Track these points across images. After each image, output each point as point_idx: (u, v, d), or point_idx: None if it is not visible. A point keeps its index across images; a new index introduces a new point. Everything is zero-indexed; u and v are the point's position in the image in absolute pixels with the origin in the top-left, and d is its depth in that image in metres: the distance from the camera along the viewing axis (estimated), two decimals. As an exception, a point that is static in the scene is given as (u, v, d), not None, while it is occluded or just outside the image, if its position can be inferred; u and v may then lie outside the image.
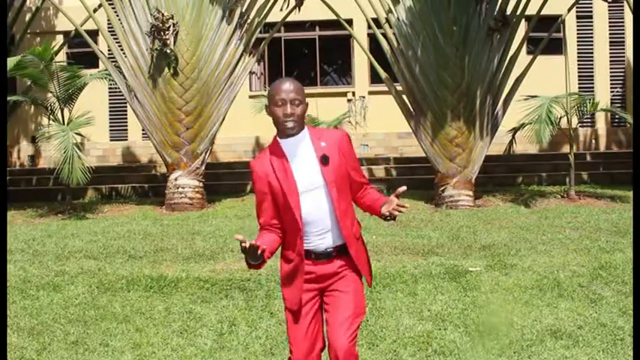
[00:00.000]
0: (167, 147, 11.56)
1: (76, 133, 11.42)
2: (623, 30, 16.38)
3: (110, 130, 16.83)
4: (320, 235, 3.09)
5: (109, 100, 16.63)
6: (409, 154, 15.26)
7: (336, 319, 3.05)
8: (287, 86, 3.04)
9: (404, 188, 3.06)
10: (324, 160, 3.06)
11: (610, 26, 16.47)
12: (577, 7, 14.75)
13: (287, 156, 3.08)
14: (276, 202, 3.10)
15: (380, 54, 12.56)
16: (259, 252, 2.95)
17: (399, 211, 2.99)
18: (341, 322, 3.03)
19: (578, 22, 16.43)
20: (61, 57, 15.27)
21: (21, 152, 16.97)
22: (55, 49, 13.49)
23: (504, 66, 11.53)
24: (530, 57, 12.17)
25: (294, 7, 12.17)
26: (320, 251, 3.10)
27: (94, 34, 13.48)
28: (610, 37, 16.49)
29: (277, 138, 3.12)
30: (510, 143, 12.76)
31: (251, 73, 15.77)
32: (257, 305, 5.58)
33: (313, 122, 13.55)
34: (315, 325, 3.12)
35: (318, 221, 3.08)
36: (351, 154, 3.16)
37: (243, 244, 2.92)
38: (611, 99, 16.44)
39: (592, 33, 16.50)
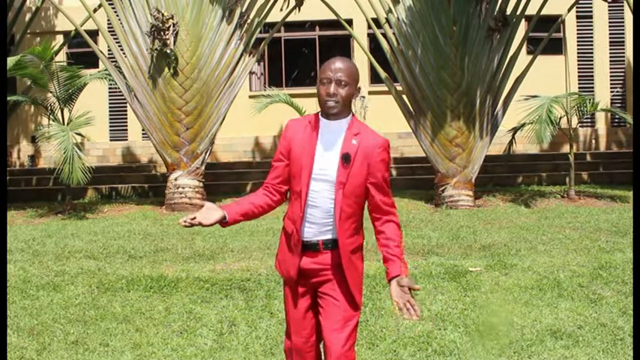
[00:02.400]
0: (167, 147, 11.56)
1: (76, 133, 11.43)
2: (623, 30, 16.39)
3: (110, 130, 16.84)
4: (312, 222, 2.98)
5: (109, 100, 16.64)
6: (409, 154, 15.28)
7: (329, 325, 2.99)
8: (335, 65, 2.89)
9: (418, 288, 2.89)
10: (344, 159, 2.92)
11: (610, 26, 16.48)
12: (577, 7, 14.75)
13: (319, 136, 2.97)
14: (289, 169, 3.01)
15: (380, 54, 12.57)
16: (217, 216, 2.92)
17: (409, 313, 2.82)
18: (334, 327, 2.97)
19: (578, 22, 16.44)
20: (61, 57, 15.29)
21: (21, 152, 16.97)
22: (55, 49, 13.49)
23: (504, 66, 11.53)
24: (530, 57, 12.18)
25: (294, 7, 12.17)
26: (306, 239, 2.99)
27: (94, 34, 13.49)
28: (610, 37, 16.50)
29: (319, 114, 3.01)
30: (510, 143, 12.75)
31: (251, 73, 15.78)
32: (257, 305, 5.57)
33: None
34: (312, 319, 3.08)
35: (315, 210, 2.98)
36: (378, 169, 2.95)
37: (188, 221, 2.89)
38: (611, 99, 16.44)
39: (592, 33, 16.50)
